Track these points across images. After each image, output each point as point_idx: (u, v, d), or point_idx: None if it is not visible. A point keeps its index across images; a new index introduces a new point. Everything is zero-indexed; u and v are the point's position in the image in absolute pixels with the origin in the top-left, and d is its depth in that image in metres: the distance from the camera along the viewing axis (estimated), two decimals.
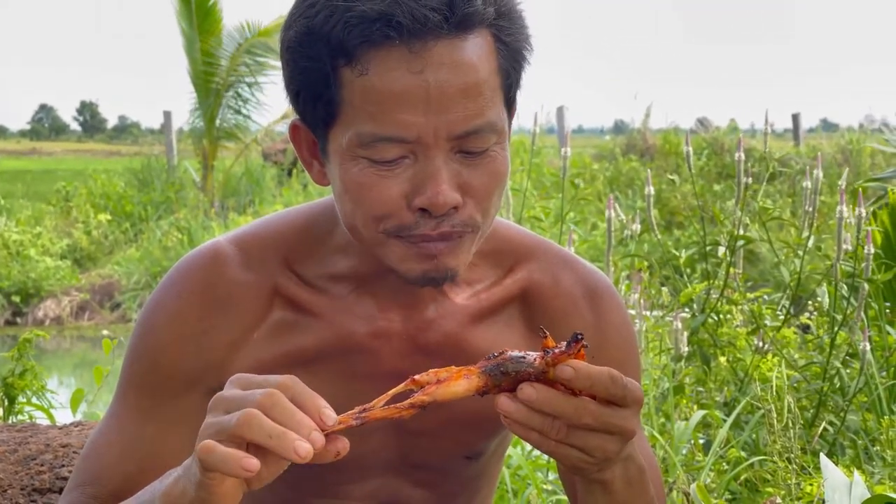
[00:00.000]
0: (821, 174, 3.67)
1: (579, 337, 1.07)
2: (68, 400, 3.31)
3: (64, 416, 3.30)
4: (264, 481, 1.06)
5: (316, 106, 1.19)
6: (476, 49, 1.15)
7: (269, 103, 15.25)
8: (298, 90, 1.21)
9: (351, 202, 1.20)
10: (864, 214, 3.43)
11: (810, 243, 3.58)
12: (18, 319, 11.32)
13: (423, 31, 1.12)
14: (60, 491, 1.98)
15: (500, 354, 1.08)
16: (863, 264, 3.36)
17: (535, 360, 1.07)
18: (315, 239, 1.34)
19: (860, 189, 4.40)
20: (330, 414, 1.03)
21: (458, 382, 1.06)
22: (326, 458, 1.03)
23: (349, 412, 1.05)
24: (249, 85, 14.76)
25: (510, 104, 1.23)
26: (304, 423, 1.01)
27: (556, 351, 1.06)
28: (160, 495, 1.11)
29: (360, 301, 1.32)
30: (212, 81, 14.45)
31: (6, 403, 3.21)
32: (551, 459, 2.99)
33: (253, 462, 1.00)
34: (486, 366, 1.07)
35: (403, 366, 1.32)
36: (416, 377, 1.08)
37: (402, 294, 1.31)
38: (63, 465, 2.11)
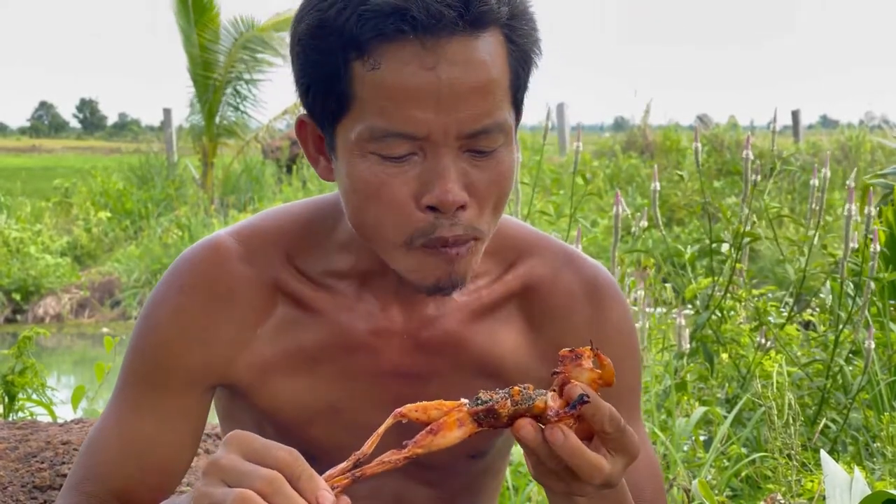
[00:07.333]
0: (828, 173, 3.67)
1: (585, 399, 1.05)
2: (69, 397, 3.31)
3: (64, 413, 3.30)
4: None
5: (326, 100, 1.18)
6: (488, 48, 1.14)
7: (267, 100, 15.25)
8: (308, 84, 1.20)
9: (359, 200, 1.19)
10: (872, 213, 3.42)
11: (815, 241, 3.57)
12: (18, 317, 11.31)
13: (437, 26, 1.11)
14: (61, 487, 1.98)
15: (487, 402, 1.06)
16: (869, 263, 3.35)
17: (531, 404, 1.05)
18: (317, 234, 1.33)
19: (871, 188, 4.40)
20: (328, 496, 1.00)
21: (451, 433, 1.05)
22: None
23: (342, 469, 1.03)
24: (247, 82, 14.74)
25: (517, 107, 1.22)
26: None
27: (560, 412, 1.05)
28: None
29: (361, 298, 1.31)
30: (210, 78, 14.43)
31: (6, 401, 3.20)
32: None
33: None
34: (476, 413, 1.06)
35: (404, 364, 1.31)
36: (402, 410, 1.06)
37: (403, 291, 1.30)
38: (63, 463, 2.10)
